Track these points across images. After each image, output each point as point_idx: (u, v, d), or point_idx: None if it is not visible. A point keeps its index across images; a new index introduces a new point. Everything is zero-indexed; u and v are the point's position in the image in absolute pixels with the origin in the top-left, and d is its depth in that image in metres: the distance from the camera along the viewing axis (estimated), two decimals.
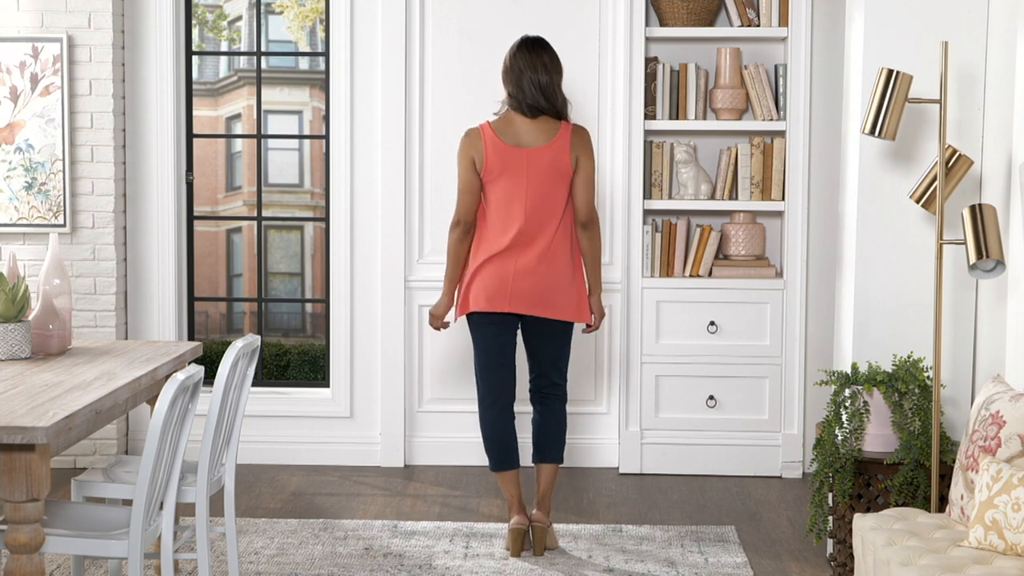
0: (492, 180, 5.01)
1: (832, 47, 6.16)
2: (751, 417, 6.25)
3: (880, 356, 4.82)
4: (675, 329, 6.23)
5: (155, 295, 6.44)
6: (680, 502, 5.85)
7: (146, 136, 6.39)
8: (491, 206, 5.04)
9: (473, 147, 5.03)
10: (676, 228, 6.21)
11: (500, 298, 5.01)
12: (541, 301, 5.02)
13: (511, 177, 5.00)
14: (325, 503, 5.79)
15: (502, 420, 5.12)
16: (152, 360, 4.39)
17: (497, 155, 4.99)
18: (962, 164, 4.54)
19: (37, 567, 3.51)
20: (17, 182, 6.23)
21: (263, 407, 6.42)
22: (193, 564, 4.89)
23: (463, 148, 5.06)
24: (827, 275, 6.17)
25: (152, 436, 3.53)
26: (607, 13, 6.26)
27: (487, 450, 5.13)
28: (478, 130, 5.06)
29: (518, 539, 5.05)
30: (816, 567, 4.99)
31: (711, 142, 6.35)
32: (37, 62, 6.18)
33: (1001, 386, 4.05)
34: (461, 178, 5.05)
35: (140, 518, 3.59)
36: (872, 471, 4.59)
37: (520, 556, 5.04)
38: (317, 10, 6.75)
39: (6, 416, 3.51)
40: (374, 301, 6.41)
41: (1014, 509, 3.60)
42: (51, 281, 4.47)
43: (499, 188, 5.01)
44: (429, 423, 6.43)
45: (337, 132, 6.37)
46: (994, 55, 4.70)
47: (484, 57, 6.28)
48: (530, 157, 5.00)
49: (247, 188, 6.99)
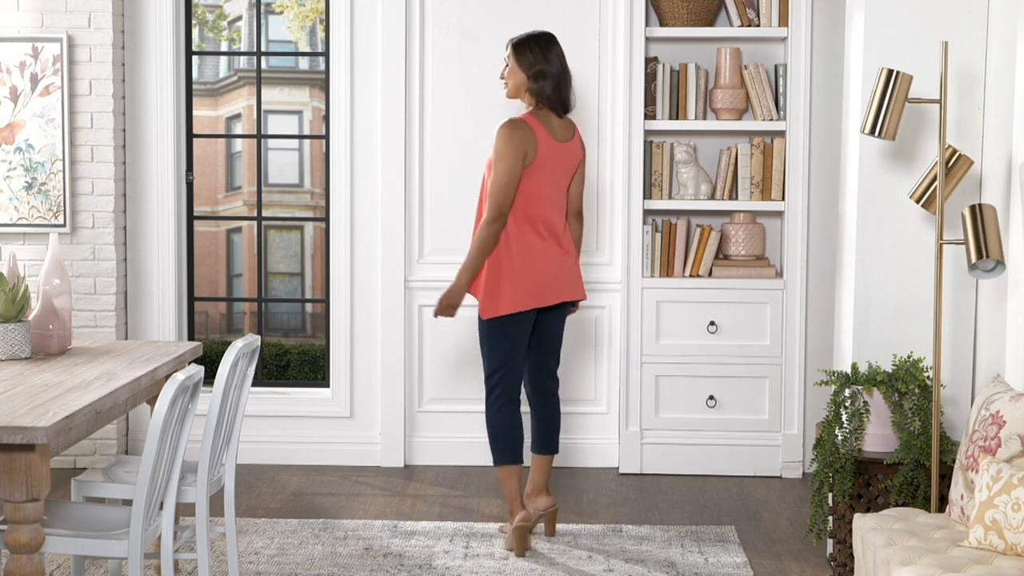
0: (533, 174, 5.05)
1: (832, 47, 6.16)
2: (751, 417, 6.25)
3: (880, 356, 4.82)
4: (675, 329, 6.23)
5: (155, 295, 6.44)
6: (680, 502, 5.85)
7: (146, 136, 6.39)
8: (526, 199, 5.06)
9: (527, 140, 5.02)
10: (676, 228, 6.21)
11: (547, 292, 5.13)
12: (565, 286, 5.20)
13: (550, 171, 5.10)
14: (325, 503, 5.79)
15: (519, 414, 5.21)
16: (152, 360, 4.39)
17: (547, 149, 5.07)
18: (962, 164, 4.54)
19: (37, 567, 3.51)
20: (17, 182, 6.23)
21: (263, 407, 6.42)
22: (193, 564, 4.89)
23: (516, 141, 5.01)
24: (827, 275, 6.17)
25: (152, 436, 3.53)
26: (607, 13, 6.26)
27: (504, 446, 5.15)
28: (527, 123, 5.06)
29: (526, 537, 5.08)
30: (816, 567, 4.99)
31: (711, 142, 6.35)
32: (37, 62, 6.18)
33: (1001, 386, 4.05)
34: (508, 172, 5.00)
35: (140, 518, 3.59)
36: (872, 471, 4.59)
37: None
38: (317, 10, 6.75)
39: (6, 416, 3.51)
40: (374, 301, 6.41)
41: (1014, 509, 3.60)
42: (51, 281, 4.47)
43: (536, 182, 5.06)
44: (429, 423, 6.43)
45: (337, 132, 6.37)
46: (994, 55, 4.70)
47: (484, 57, 6.28)
48: (565, 152, 5.15)
49: (247, 188, 7.00)
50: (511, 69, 5.13)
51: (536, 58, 5.09)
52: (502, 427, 5.15)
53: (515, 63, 5.11)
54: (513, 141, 5.01)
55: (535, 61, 5.09)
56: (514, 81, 5.13)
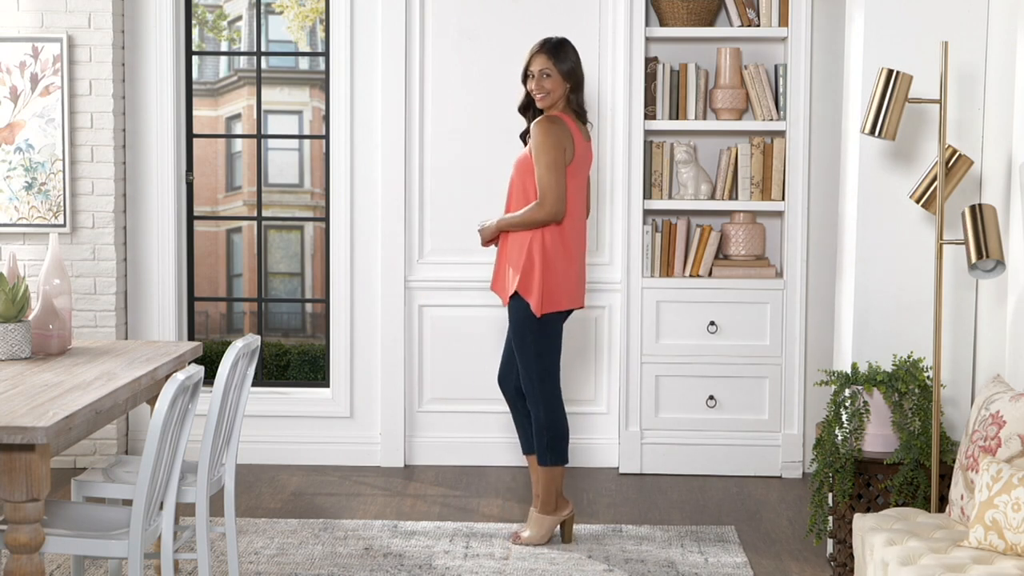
0: (572, 174, 5.07)
1: (832, 47, 6.16)
2: (751, 417, 6.25)
3: (880, 356, 4.82)
4: (675, 329, 6.23)
5: (155, 295, 6.44)
6: (680, 502, 5.85)
7: (146, 136, 6.39)
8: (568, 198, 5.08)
9: (567, 137, 5.02)
10: (676, 228, 6.21)
11: (579, 294, 5.18)
12: (583, 292, 5.26)
13: (583, 171, 5.14)
14: (325, 503, 5.79)
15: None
16: (152, 360, 4.39)
17: (581, 149, 5.10)
18: (962, 164, 4.54)
19: (37, 567, 3.51)
20: (17, 182, 6.23)
21: (263, 407, 6.42)
22: (193, 564, 4.89)
23: (560, 136, 4.98)
24: (827, 275, 6.17)
25: (152, 436, 3.53)
26: (607, 13, 6.26)
27: (565, 446, 5.21)
28: (564, 120, 5.05)
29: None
30: (816, 567, 4.99)
31: (711, 142, 6.35)
32: (37, 62, 6.18)
33: (1001, 386, 4.05)
34: (562, 165, 4.98)
35: (140, 518, 3.59)
36: (872, 471, 4.59)
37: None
38: (317, 10, 6.75)
39: (6, 416, 3.51)
40: (374, 301, 6.41)
41: (1014, 509, 3.60)
42: (51, 281, 4.47)
43: (576, 183, 5.09)
44: (429, 423, 6.43)
45: (337, 132, 6.37)
46: (994, 55, 4.70)
47: (484, 57, 6.28)
48: (590, 153, 5.21)
49: (247, 188, 7.00)
50: (555, 79, 5.03)
51: (575, 65, 5.07)
52: (563, 425, 5.20)
53: (557, 72, 5.03)
54: (555, 135, 4.97)
55: (575, 68, 5.07)
56: (558, 91, 5.05)
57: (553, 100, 5.06)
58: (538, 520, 5.20)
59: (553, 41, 5.09)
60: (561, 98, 5.07)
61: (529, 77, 5.09)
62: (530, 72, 5.08)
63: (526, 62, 5.11)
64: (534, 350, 5.09)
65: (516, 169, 5.10)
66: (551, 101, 5.06)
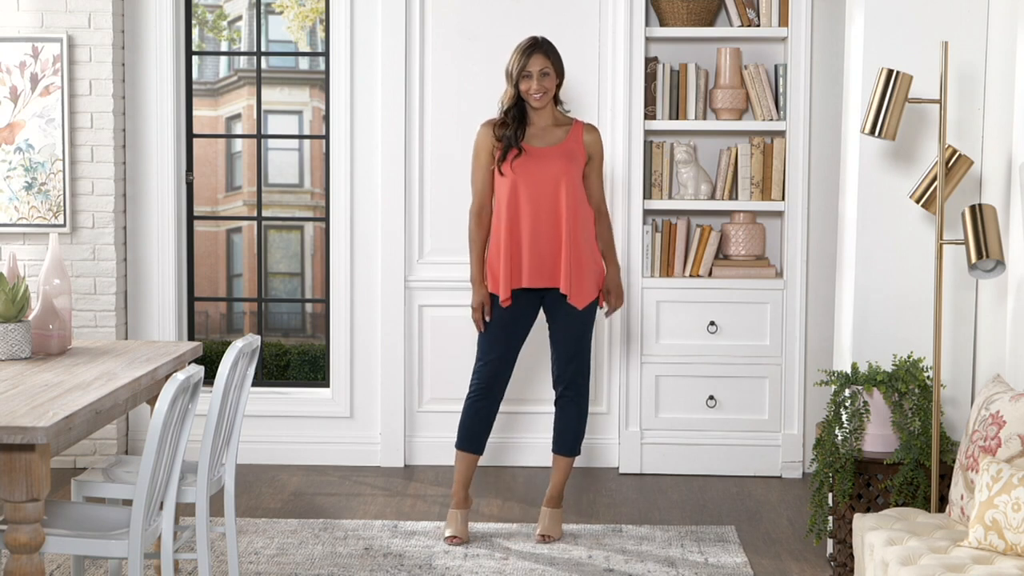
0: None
1: (832, 47, 6.16)
2: (751, 417, 6.25)
3: (880, 356, 4.82)
4: (675, 329, 6.23)
5: (155, 295, 6.44)
6: (680, 502, 5.85)
7: (146, 136, 6.39)
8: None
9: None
10: (676, 228, 6.21)
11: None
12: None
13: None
14: (325, 503, 5.79)
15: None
16: (152, 360, 4.39)
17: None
18: (962, 164, 4.54)
19: (37, 567, 3.51)
20: (17, 182, 6.23)
21: (263, 407, 6.42)
22: (193, 564, 4.89)
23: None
24: (827, 275, 6.17)
25: (152, 436, 3.53)
26: (607, 13, 6.26)
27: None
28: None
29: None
30: (816, 567, 4.99)
31: (711, 142, 6.35)
32: (37, 62, 6.18)
33: (1001, 386, 4.05)
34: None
35: (140, 518, 3.59)
36: (872, 471, 4.59)
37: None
38: (317, 10, 6.75)
39: (6, 416, 3.51)
40: (374, 301, 6.41)
41: (1014, 509, 3.60)
42: (51, 281, 4.47)
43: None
44: (429, 423, 6.43)
45: (337, 132, 6.37)
46: (994, 55, 4.70)
47: (484, 57, 6.27)
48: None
49: (247, 188, 6.99)
50: (552, 77, 5.12)
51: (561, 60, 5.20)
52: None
53: (554, 70, 5.13)
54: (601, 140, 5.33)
55: (562, 63, 5.20)
56: (553, 89, 5.16)
57: (550, 98, 5.14)
58: (559, 517, 5.31)
59: (542, 39, 5.17)
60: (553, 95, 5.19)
61: (525, 78, 5.09)
62: (528, 72, 5.08)
63: (520, 64, 5.09)
64: (589, 336, 5.30)
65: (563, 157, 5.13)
66: (548, 99, 5.13)
